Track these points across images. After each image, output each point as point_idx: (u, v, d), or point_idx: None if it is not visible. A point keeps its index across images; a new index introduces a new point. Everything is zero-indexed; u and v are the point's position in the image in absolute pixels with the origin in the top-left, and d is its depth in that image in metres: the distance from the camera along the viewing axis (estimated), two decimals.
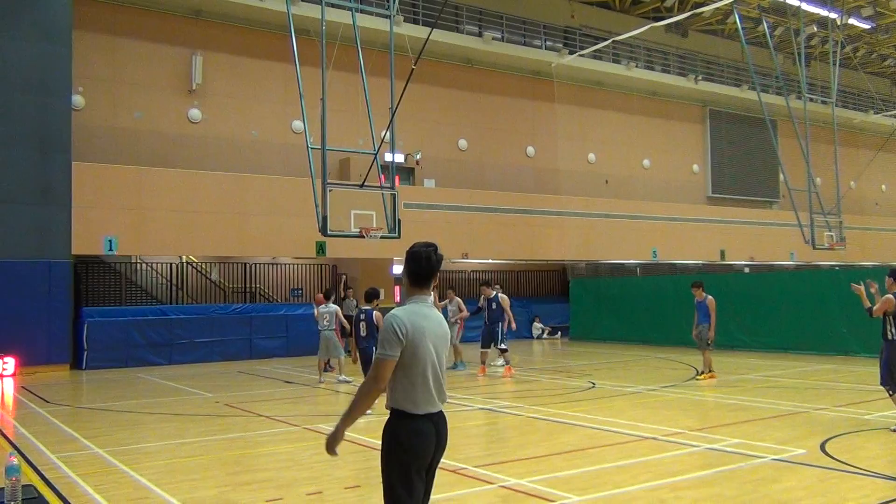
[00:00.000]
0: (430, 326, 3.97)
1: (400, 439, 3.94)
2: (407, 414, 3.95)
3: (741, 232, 31.05)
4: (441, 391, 4.09)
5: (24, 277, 17.48)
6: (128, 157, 20.52)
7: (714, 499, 6.33)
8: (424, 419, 4.00)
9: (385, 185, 16.19)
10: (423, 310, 3.99)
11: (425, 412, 4.00)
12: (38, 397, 13.46)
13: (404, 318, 3.91)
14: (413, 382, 3.92)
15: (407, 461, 3.93)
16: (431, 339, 3.95)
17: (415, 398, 3.95)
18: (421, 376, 3.92)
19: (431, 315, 4.01)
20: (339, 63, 16.22)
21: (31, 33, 18.06)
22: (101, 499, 6.61)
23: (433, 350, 3.95)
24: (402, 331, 3.86)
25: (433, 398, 4.03)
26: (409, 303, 4.06)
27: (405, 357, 3.88)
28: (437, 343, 3.99)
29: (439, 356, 4.01)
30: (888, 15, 32.59)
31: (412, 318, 3.92)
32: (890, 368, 9.46)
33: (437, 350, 3.99)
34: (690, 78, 31.70)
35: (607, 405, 11.69)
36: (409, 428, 3.96)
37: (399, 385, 3.93)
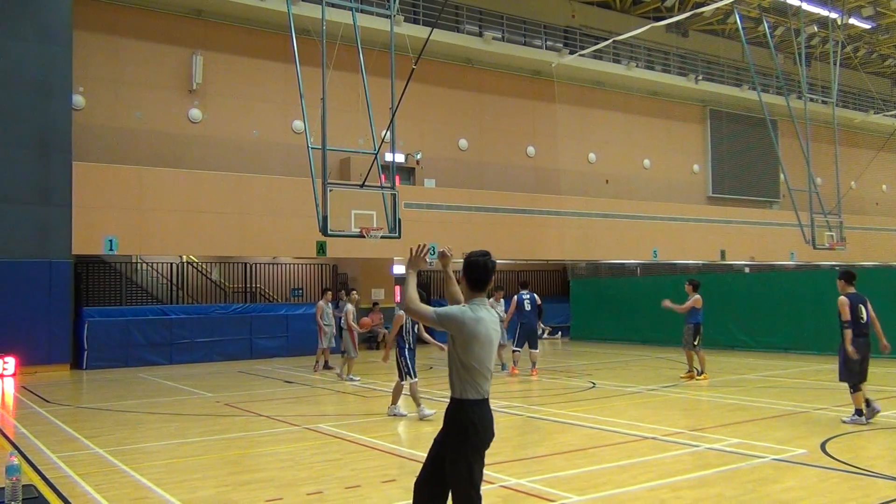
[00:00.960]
0: (488, 324, 4.49)
1: (473, 423, 4.45)
2: (474, 400, 4.45)
3: (741, 232, 31.05)
4: (489, 381, 4.56)
5: (24, 277, 17.49)
6: (128, 157, 20.52)
7: (714, 499, 6.33)
8: (485, 403, 4.50)
9: (385, 185, 16.20)
10: (482, 310, 4.52)
11: (484, 397, 4.49)
12: (38, 397, 13.47)
13: (468, 313, 4.45)
14: (471, 372, 4.44)
15: (479, 444, 4.51)
16: (487, 336, 4.45)
17: (476, 385, 4.46)
18: (478, 366, 4.43)
19: (488, 315, 4.53)
20: (340, 63, 16.22)
21: (32, 33, 18.06)
22: (101, 498, 6.61)
23: (488, 344, 4.46)
24: (466, 317, 4.42)
25: (488, 385, 4.51)
26: (470, 304, 4.56)
27: (465, 347, 4.42)
28: (492, 339, 4.50)
29: (491, 351, 4.52)
30: (888, 15, 32.58)
31: (475, 314, 4.45)
32: (848, 366, 9.94)
33: (491, 345, 4.50)
34: (691, 78, 31.70)
35: (607, 405, 11.69)
36: (479, 412, 4.47)
37: (459, 375, 4.47)
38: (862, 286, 18.88)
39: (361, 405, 12.35)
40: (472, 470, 4.42)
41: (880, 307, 17.78)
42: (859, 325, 9.91)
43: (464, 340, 4.41)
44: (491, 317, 4.54)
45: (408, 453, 8.36)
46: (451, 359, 4.52)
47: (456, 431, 4.44)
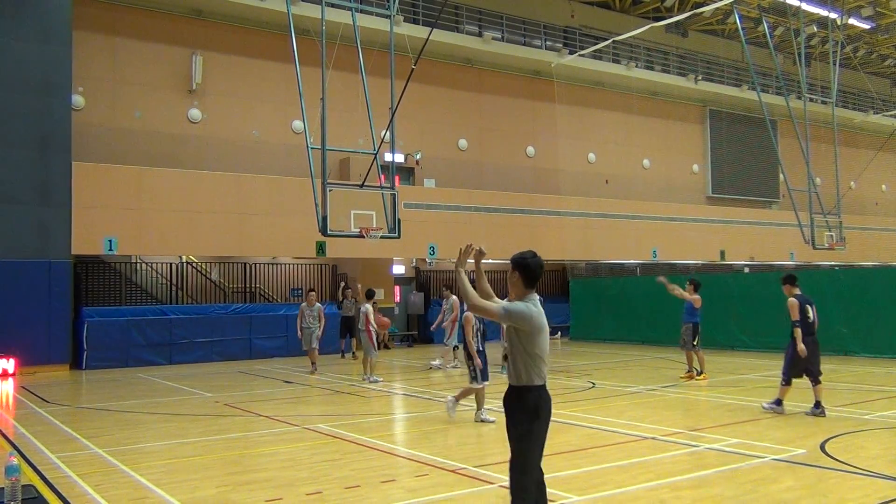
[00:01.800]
0: (543, 316, 4.99)
1: (540, 405, 4.89)
2: (539, 385, 4.91)
3: (741, 232, 31.05)
4: (546, 367, 5.04)
5: (24, 277, 17.48)
6: (128, 157, 20.52)
7: (714, 499, 6.33)
8: (544, 388, 4.95)
9: (385, 185, 16.19)
10: (538, 304, 4.99)
11: (545, 382, 4.95)
12: (37, 397, 13.46)
13: (532, 307, 4.92)
14: (535, 360, 4.89)
15: (539, 425, 4.89)
16: (545, 327, 4.98)
17: (540, 372, 4.92)
18: (542, 354, 4.91)
19: (538, 310, 4.97)
20: (339, 63, 16.22)
21: (31, 33, 18.06)
22: (100, 499, 6.61)
23: (546, 334, 4.99)
24: (532, 311, 4.89)
25: (546, 371, 4.99)
26: (527, 300, 4.97)
27: (530, 338, 4.88)
28: (547, 330, 5.02)
29: (548, 340, 5.04)
30: (888, 15, 32.59)
31: (537, 308, 4.94)
32: (794, 362, 10.32)
33: (548, 334, 5.04)
34: (690, 78, 31.70)
35: (607, 405, 11.69)
36: (545, 395, 4.94)
37: (525, 364, 4.90)
38: (862, 286, 19.02)
39: (361, 405, 12.35)
40: (536, 446, 4.87)
41: (880, 307, 17.93)
42: (807, 324, 10.28)
43: (530, 332, 4.86)
44: (543, 315, 5.03)
45: (407, 453, 8.36)
46: (516, 350, 4.90)
47: (526, 414, 4.85)
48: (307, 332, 16.88)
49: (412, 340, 24.98)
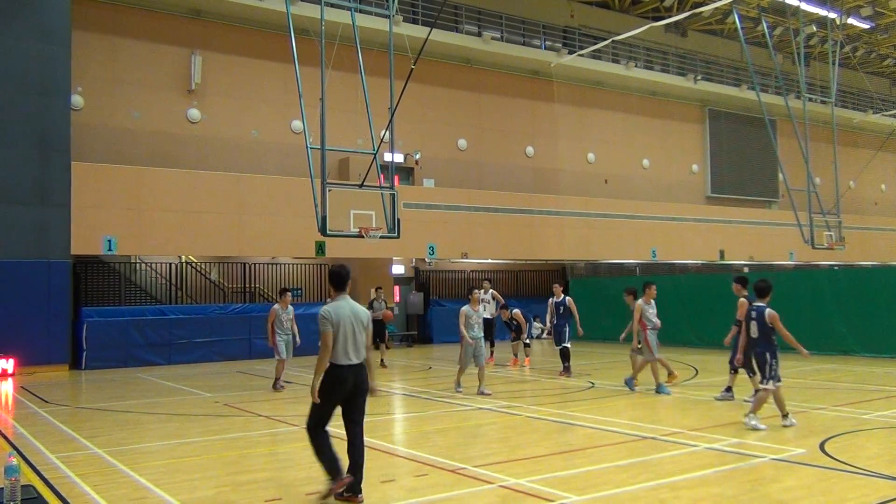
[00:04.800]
0: (347, 312, 6.48)
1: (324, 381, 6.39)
2: (333, 364, 6.39)
3: (740, 232, 31.05)
4: (356, 351, 6.47)
5: (23, 277, 17.48)
6: (127, 157, 20.52)
7: (714, 499, 6.33)
8: (342, 367, 6.38)
9: (384, 185, 16.17)
10: (345, 303, 6.54)
11: (342, 364, 6.38)
12: (37, 397, 13.45)
13: (331, 309, 6.43)
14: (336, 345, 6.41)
15: (335, 392, 6.41)
16: (349, 319, 6.44)
17: (336, 355, 6.37)
18: (342, 342, 6.39)
19: (348, 305, 6.54)
20: (339, 63, 16.21)
21: (31, 33, 18.05)
22: (100, 499, 6.61)
23: (351, 325, 6.44)
24: (329, 316, 6.39)
25: (349, 355, 6.42)
26: (337, 300, 6.56)
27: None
28: (353, 321, 6.46)
29: (355, 328, 6.46)
30: (887, 15, 32.60)
31: (337, 310, 6.45)
32: (745, 353, 10.51)
33: (353, 325, 6.45)
34: (690, 78, 31.70)
35: (607, 405, 11.69)
36: (336, 372, 6.39)
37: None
38: (861, 286, 19.02)
39: None
40: (325, 408, 6.53)
41: (880, 307, 17.94)
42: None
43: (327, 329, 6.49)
44: (346, 310, 6.55)
45: (407, 453, 8.36)
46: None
47: (326, 383, 6.45)
48: (286, 339, 13.97)
49: (412, 340, 24.98)
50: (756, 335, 9.54)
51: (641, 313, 12.74)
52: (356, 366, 6.41)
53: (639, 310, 12.77)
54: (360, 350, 6.46)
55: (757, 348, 9.60)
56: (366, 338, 6.54)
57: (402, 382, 15.27)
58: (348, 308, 6.49)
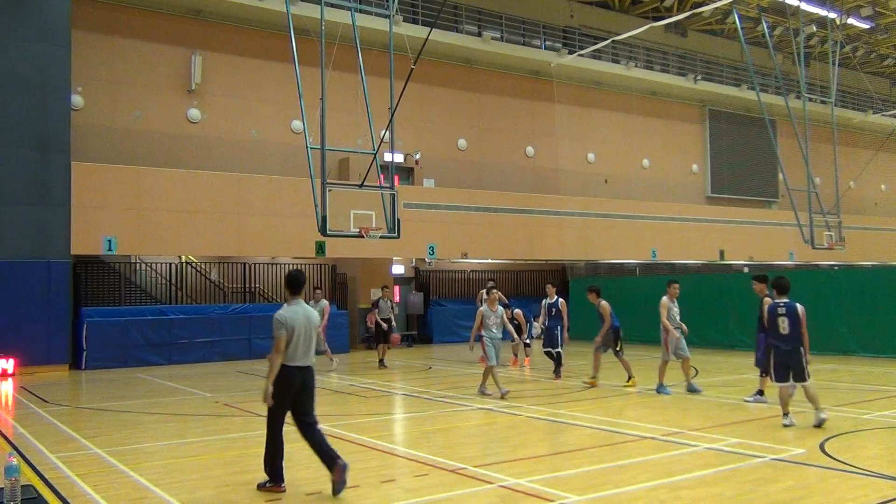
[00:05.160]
0: (301, 316, 6.84)
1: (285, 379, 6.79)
2: (288, 366, 6.77)
3: (740, 232, 31.04)
4: (307, 354, 6.89)
5: (23, 277, 17.47)
6: (127, 157, 20.52)
7: (714, 499, 6.33)
8: (293, 368, 6.78)
9: (384, 185, 16.17)
10: (300, 308, 6.90)
11: (295, 365, 6.78)
12: (37, 397, 13.45)
13: (287, 314, 6.78)
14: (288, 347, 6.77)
15: (285, 392, 6.82)
16: (303, 323, 6.81)
17: (289, 358, 6.75)
18: (294, 344, 6.76)
19: (302, 309, 6.92)
20: (339, 63, 16.21)
21: (31, 33, 18.05)
22: (100, 499, 6.61)
23: (304, 329, 6.82)
24: (284, 321, 6.72)
25: (301, 357, 6.83)
26: (293, 304, 6.91)
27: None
28: (306, 325, 6.84)
29: (308, 332, 6.85)
30: (887, 15, 32.59)
31: (292, 314, 6.81)
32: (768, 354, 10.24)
33: (306, 329, 6.84)
34: (690, 78, 31.70)
35: (607, 405, 11.69)
36: (287, 373, 6.78)
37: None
38: (861, 286, 19.03)
39: (361, 405, 12.35)
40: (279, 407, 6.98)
41: (879, 307, 17.94)
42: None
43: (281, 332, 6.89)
44: (301, 314, 6.93)
45: (407, 453, 8.36)
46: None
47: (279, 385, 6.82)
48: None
49: (412, 340, 24.99)
50: (787, 331, 9.38)
51: (668, 312, 12.63)
52: (305, 367, 6.85)
53: (665, 307, 12.68)
54: (310, 352, 6.90)
55: (790, 346, 9.41)
56: (315, 339, 7.04)
57: (402, 382, 15.27)
58: (302, 312, 6.86)
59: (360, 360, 20.34)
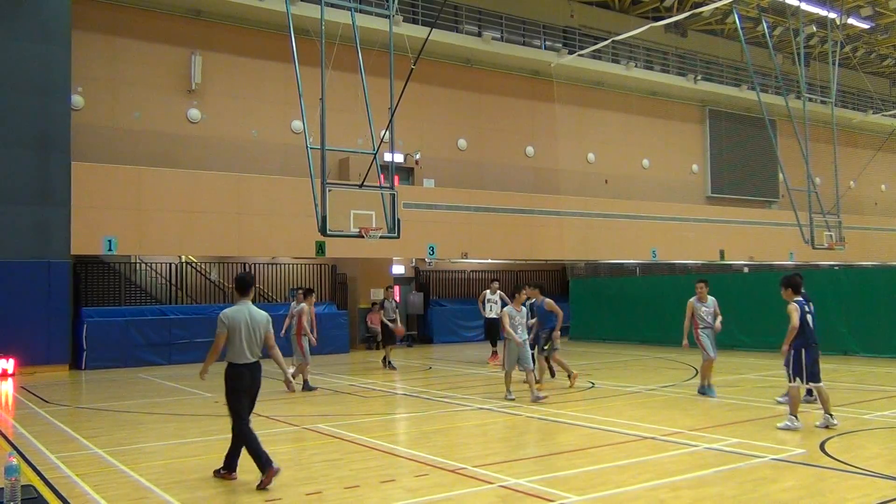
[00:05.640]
0: (244, 316, 7.21)
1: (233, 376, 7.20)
2: (233, 363, 7.20)
3: (740, 232, 31.05)
4: (252, 351, 7.23)
5: (23, 277, 17.48)
6: (127, 157, 20.52)
7: (713, 499, 6.33)
8: (238, 366, 7.17)
9: (384, 185, 16.17)
10: (244, 308, 7.29)
11: (240, 363, 7.16)
12: (37, 397, 13.46)
13: (229, 314, 7.19)
14: (231, 346, 7.18)
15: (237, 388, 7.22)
16: (245, 322, 7.16)
17: (234, 356, 7.16)
18: (238, 343, 7.14)
19: (246, 309, 7.30)
20: (339, 63, 16.20)
21: (31, 33, 18.05)
22: (100, 499, 6.61)
23: (247, 328, 7.17)
24: (225, 320, 7.13)
25: (246, 354, 7.17)
26: (239, 304, 7.31)
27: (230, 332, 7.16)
28: (250, 324, 7.20)
29: (251, 331, 7.20)
30: (887, 15, 32.59)
31: (235, 314, 7.21)
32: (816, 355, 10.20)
33: (249, 328, 7.19)
34: (690, 78, 31.70)
35: (607, 405, 11.69)
36: (234, 370, 7.18)
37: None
38: (861, 286, 19.02)
39: (361, 405, 12.35)
40: (239, 401, 7.31)
41: (880, 307, 17.94)
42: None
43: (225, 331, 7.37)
44: (244, 314, 7.32)
45: (407, 453, 8.36)
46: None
47: (228, 381, 7.31)
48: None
49: (412, 340, 24.99)
50: (813, 330, 9.38)
51: (693, 311, 12.39)
52: (253, 364, 7.21)
53: (689, 308, 12.47)
54: (255, 350, 7.24)
55: (816, 344, 9.38)
56: (267, 338, 7.36)
57: (402, 382, 15.27)
58: (246, 312, 7.24)
59: (360, 360, 20.36)
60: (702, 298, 12.26)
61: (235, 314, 7.18)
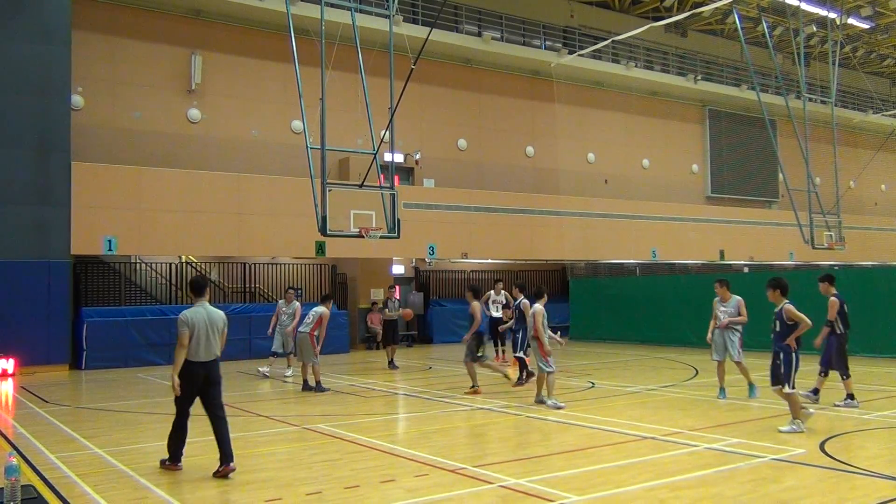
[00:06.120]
0: (202, 316, 7.54)
1: (189, 373, 7.54)
2: (189, 361, 7.50)
3: (740, 232, 31.05)
4: (209, 350, 7.56)
5: (23, 278, 17.48)
6: (127, 157, 20.52)
7: (714, 499, 6.33)
8: (195, 363, 7.49)
9: (384, 185, 16.16)
10: (202, 309, 7.62)
11: (195, 360, 7.47)
12: (37, 397, 13.46)
13: (189, 314, 7.51)
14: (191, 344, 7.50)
15: (189, 386, 7.59)
16: (204, 322, 7.51)
17: (193, 353, 7.48)
18: (195, 343, 7.45)
19: (204, 310, 7.62)
20: (339, 63, 16.20)
21: (31, 33, 18.06)
22: (100, 499, 6.61)
23: (205, 327, 7.51)
24: (186, 320, 7.45)
25: (202, 353, 7.51)
26: (196, 305, 7.64)
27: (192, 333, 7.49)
28: (208, 324, 7.54)
29: (209, 330, 7.55)
30: (887, 15, 32.60)
31: (194, 314, 7.54)
32: (842, 356, 10.75)
33: (207, 327, 7.53)
34: (690, 78, 31.71)
35: (606, 405, 11.69)
36: (189, 368, 7.51)
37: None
38: (861, 286, 19.03)
39: (361, 405, 12.35)
40: (185, 398, 7.76)
41: (880, 307, 17.93)
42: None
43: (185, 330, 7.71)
44: (203, 315, 7.66)
45: (407, 453, 8.36)
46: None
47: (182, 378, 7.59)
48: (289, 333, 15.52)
49: (412, 340, 24.99)
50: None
51: (714, 311, 12.38)
52: (209, 362, 7.53)
53: (714, 307, 12.45)
54: (212, 349, 7.55)
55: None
56: (220, 339, 7.68)
57: (402, 382, 15.27)
58: (204, 312, 7.56)
59: (359, 360, 20.36)
60: (723, 298, 12.19)
61: (194, 315, 7.49)
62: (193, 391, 7.57)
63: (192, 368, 7.47)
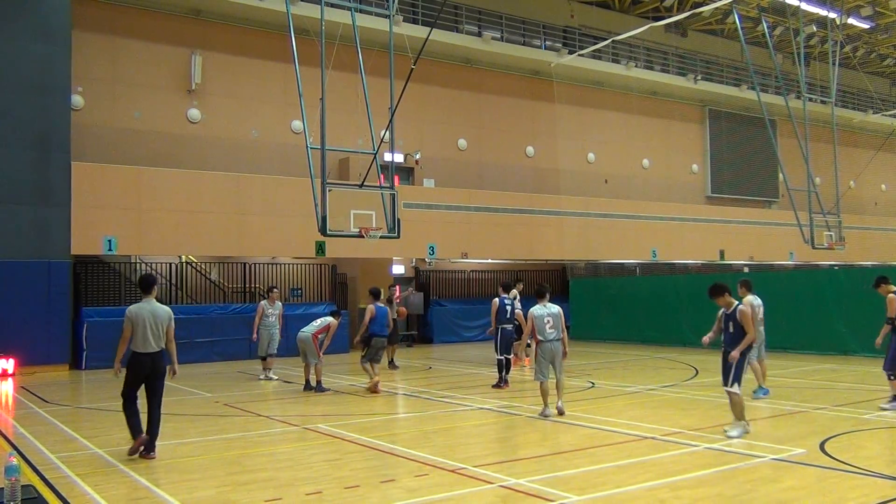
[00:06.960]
0: (146, 311, 8.26)
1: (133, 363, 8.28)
2: (135, 352, 8.20)
3: (740, 232, 31.05)
4: (151, 342, 8.20)
5: (23, 277, 17.47)
6: (127, 157, 20.51)
7: (714, 498, 6.33)
8: (140, 354, 8.19)
9: (384, 185, 16.16)
10: (147, 305, 8.32)
11: (140, 351, 8.17)
12: (37, 397, 13.46)
13: (134, 309, 8.25)
14: (134, 338, 8.20)
15: (134, 374, 8.30)
16: (148, 317, 8.19)
17: (136, 345, 8.15)
18: (138, 335, 8.16)
19: (149, 306, 8.33)
20: (339, 63, 16.21)
21: (31, 33, 18.05)
22: (100, 498, 6.61)
23: (150, 321, 8.20)
24: (130, 315, 8.19)
25: (146, 345, 8.17)
26: (142, 302, 8.34)
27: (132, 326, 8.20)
28: (152, 318, 8.23)
29: (153, 325, 8.21)
30: (887, 15, 32.59)
31: (138, 310, 8.26)
32: None
33: (152, 321, 8.21)
34: (690, 78, 31.70)
35: (607, 405, 11.69)
36: (135, 358, 8.24)
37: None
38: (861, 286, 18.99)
39: (360, 405, 12.35)
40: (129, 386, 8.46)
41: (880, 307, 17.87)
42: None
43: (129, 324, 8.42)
44: (147, 311, 8.36)
45: (407, 453, 8.36)
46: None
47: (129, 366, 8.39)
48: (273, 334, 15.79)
49: (412, 340, 24.99)
50: None
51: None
52: (153, 353, 8.19)
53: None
54: (157, 341, 8.21)
55: None
56: (168, 330, 8.30)
57: (402, 382, 15.28)
58: (148, 308, 8.27)
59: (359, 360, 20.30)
60: (745, 295, 12.01)
61: (139, 310, 8.23)
62: (139, 379, 8.21)
63: (138, 358, 8.16)
